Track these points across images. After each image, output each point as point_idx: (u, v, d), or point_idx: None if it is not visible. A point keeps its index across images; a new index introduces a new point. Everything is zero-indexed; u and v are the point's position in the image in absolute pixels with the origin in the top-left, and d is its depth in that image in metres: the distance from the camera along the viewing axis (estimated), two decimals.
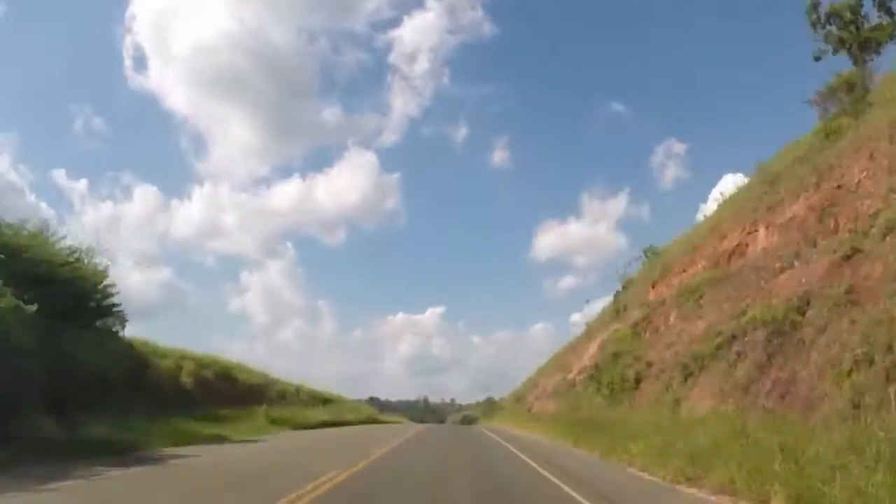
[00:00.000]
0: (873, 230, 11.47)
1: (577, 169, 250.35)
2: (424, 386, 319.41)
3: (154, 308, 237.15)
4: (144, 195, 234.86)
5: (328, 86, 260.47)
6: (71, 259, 18.30)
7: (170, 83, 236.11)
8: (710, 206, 30.34)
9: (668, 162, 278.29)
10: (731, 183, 30.00)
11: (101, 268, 19.53)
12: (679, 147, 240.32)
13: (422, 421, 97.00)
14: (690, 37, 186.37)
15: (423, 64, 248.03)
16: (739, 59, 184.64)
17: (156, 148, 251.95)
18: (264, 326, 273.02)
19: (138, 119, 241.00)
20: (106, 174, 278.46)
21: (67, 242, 18.81)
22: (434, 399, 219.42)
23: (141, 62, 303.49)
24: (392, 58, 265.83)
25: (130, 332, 22.33)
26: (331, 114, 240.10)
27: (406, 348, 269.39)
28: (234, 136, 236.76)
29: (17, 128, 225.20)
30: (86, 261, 18.99)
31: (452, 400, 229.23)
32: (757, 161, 24.78)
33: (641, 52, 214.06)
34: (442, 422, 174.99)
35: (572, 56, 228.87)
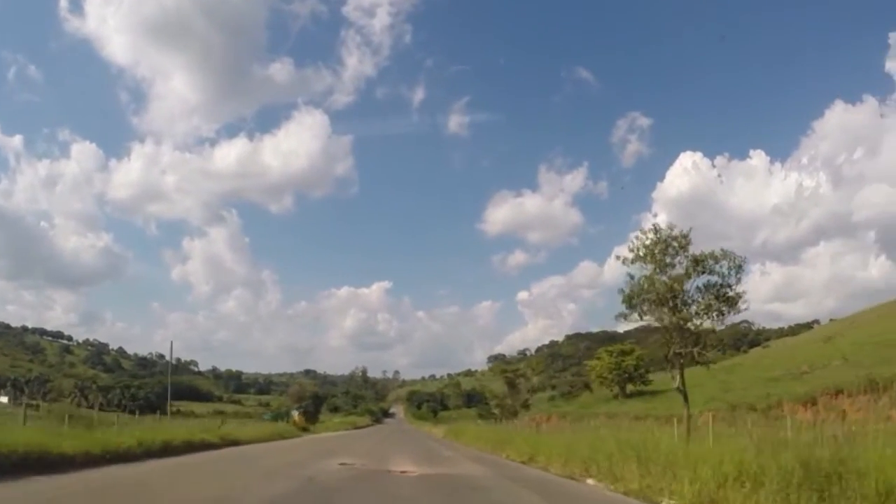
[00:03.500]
0: None
1: (537, 138, 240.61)
2: (368, 360, 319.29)
3: (93, 276, 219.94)
4: (82, 153, 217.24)
5: (279, 38, 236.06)
6: None
7: (109, 28, 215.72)
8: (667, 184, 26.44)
9: (631, 136, 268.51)
10: (689, 161, 27.60)
11: None
12: (643, 121, 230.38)
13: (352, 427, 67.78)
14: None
15: (382, 19, 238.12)
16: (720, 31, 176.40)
17: (93, 100, 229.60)
18: (206, 296, 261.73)
19: (75, 68, 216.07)
20: (42, 129, 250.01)
21: None
22: (375, 373, 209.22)
23: (77, 3, 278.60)
24: (348, 10, 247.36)
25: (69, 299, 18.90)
26: (280, 68, 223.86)
27: (350, 322, 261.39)
28: (175, 89, 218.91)
29: None
30: None
31: (396, 373, 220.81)
32: None
33: (614, 12, 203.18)
34: (387, 413, 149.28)
35: (542, 15, 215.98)
